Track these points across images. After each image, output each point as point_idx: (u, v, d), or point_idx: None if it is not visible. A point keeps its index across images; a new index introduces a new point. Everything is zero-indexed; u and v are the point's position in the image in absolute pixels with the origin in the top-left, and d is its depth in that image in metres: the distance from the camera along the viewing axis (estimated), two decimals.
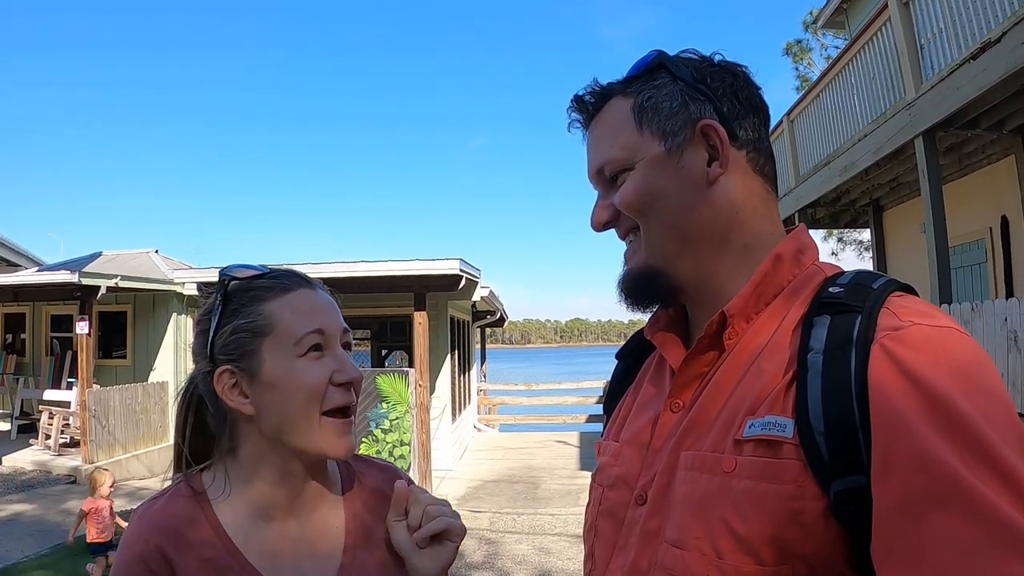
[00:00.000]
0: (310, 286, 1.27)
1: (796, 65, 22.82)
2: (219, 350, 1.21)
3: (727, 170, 1.03)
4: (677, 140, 1.02)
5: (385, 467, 1.44)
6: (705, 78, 1.05)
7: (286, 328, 1.19)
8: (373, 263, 11.63)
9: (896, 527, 0.75)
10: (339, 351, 1.23)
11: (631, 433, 1.12)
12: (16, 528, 8.50)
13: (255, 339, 1.19)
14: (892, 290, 0.91)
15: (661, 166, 1.02)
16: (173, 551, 1.15)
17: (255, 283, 1.24)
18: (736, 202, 1.04)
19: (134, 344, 14.85)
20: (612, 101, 1.08)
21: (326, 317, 1.23)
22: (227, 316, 1.22)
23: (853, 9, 13.21)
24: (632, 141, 1.04)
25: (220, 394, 1.21)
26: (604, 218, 1.09)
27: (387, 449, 10.89)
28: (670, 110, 1.03)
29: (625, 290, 1.09)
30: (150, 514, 1.20)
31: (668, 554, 0.93)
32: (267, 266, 1.30)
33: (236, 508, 1.22)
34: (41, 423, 13.06)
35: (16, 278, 12.61)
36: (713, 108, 1.04)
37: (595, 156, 1.09)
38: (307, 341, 1.19)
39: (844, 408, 0.82)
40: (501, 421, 19.51)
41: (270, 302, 1.21)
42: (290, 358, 1.18)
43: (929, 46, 7.22)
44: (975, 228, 9.05)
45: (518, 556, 7.71)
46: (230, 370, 1.20)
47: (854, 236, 20.37)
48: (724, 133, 1.03)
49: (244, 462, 1.24)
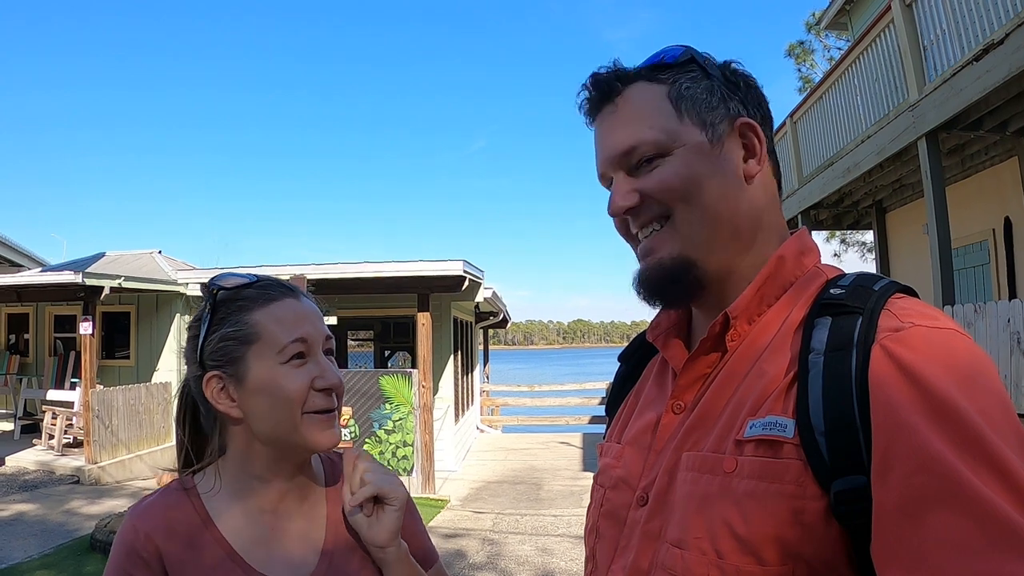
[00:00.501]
0: (294, 295, 1.32)
1: (799, 66, 22.81)
2: (208, 356, 1.28)
3: (762, 168, 1.05)
4: (717, 133, 1.02)
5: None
6: (736, 81, 1.07)
7: (270, 337, 1.25)
8: (377, 264, 11.64)
9: (896, 527, 0.75)
10: (321, 358, 1.28)
11: (633, 434, 1.12)
12: (19, 528, 8.50)
13: (241, 347, 1.25)
14: (893, 292, 0.92)
15: (704, 155, 1.01)
16: (164, 542, 1.21)
17: (242, 293, 1.30)
18: (763, 202, 1.05)
19: (137, 344, 14.86)
20: (636, 85, 1.06)
21: (308, 326, 1.28)
22: (215, 324, 1.29)
23: (856, 11, 13.20)
24: (672, 126, 1.02)
25: (209, 398, 1.27)
26: (629, 202, 1.04)
27: (390, 450, 10.90)
28: (709, 103, 1.03)
29: (651, 282, 1.05)
30: (141, 508, 1.26)
31: (669, 554, 0.93)
32: (255, 275, 1.35)
33: (226, 504, 1.28)
34: (44, 423, 13.06)
35: (20, 278, 12.62)
36: (746, 110, 1.05)
37: (623, 136, 1.04)
38: (290, 349, 1.24)
39: (845, 408, 0.82)
40: (504, 422, 19.52)
41: (255, 312, 1.27)
42: (274, 365, 1.24)
43: (932, 47, 7.22)
44: (978, 230, 9.04)
45: (520, 557, 7.71)
46: (218, 375, 1.27)
47: (857, 238, 20.36)
48: (762, 132, 1.05)
49: (233, 461, 1.30)
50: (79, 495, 10.39)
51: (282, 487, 1.30)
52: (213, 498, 1.27)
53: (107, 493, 10.70)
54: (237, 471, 1.29)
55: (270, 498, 1.29)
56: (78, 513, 9.31)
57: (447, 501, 10.47)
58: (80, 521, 8.85)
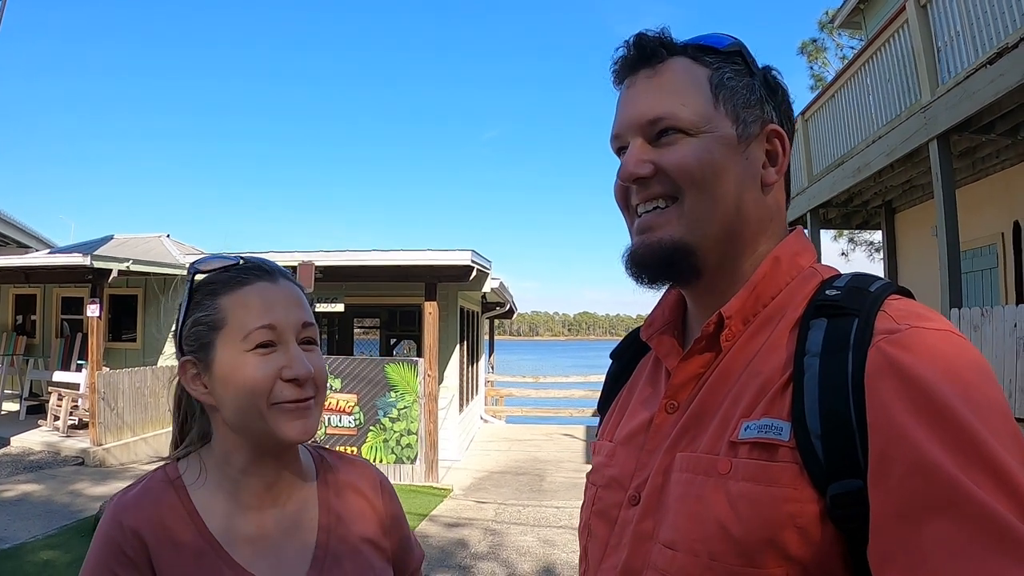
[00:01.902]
0: (270, 279, 1.26)
1: (811, 64, 22.69)
2: (183, 341, 1.25)
3: (780, 179, 1.05)
4: (747, 131, 1.02)
5: (361, 463, 1.46)
6: (775, 88, 1.07)
7: (236, 322, 1.20)
8: (385, 252, 11.61)
9: (893, 531, 0.75)
10: (292, 347, 1.22)
11: (625, 433, 1.12)
12: (24, 508, 8.54)
13: (210, 332, 1.22)
14: (889, 293, 0.91)
15: (729, 147, 1.01)
16: (149, 535, 1.16)
17: (217, 276, 1.27)
18: (772, 212, 1.06)
19: (144, 328, 14.92)
20: (680, 59, 1.04)
21: (280, 311, 1.22)
22: (191, 308, 1.25)
23: (870, 10, 13.12)
24: (705, 110, 1.01)
25: (184, 384, 1.25)
26: (643, 171, 1.01)
27: (394, 438, 10.92)
28: (747, 100, 1.03)
29: (644, 261, 1.03)
30: (125, 500, 1.22)
31: (661, 555, 0.93)
32: (241, 256, 1.31)
33: (211, 495, 1.23)
34: (50, 404, 13.10)
35: (28, 260, 12.65)
36: (778, 118, 1.05)
37: (654, 104, 1.02)
38: (255, 336, 1.19)
39: (841, 411, 0.82)
40: (508, 413, 19.49)
41: (224, 296, 1.23)
42: (239, 352, 1.19)
43: (946, 49, 7.18)
44: (987, 233, 9.00)
45: (522, 548, 7.72)
46: (192, 361, 1.24)
47: (865, 237, 20.25)
48: (788, 143, 1.04)
49: (216, 450, 1.26)
50: (84, 477, 10.43)
51: (266, 481, 1.25)
52: (198, 490, 1.23)
53: (112, 475, 10.74)
54: (220, 463, 1.25)
55: (255, 493, 1.24)
56: (83, 495, 9.35)
57: (450, 490, 10.48)
58: (85, 503, 8.89)
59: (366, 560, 1.31)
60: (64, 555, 6.85)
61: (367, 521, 1.36)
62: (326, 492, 1.34)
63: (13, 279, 13.67)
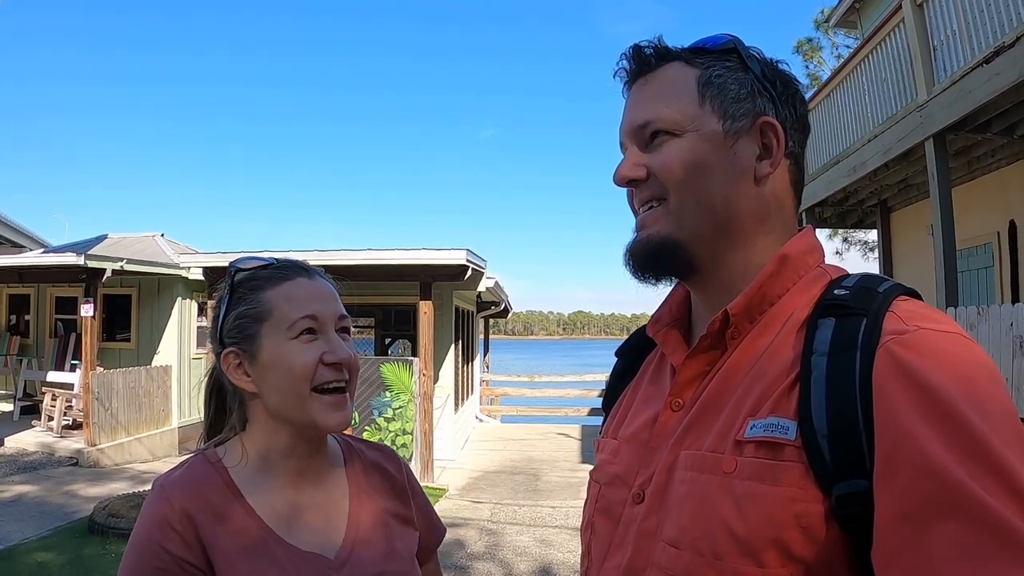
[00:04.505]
0: (308, 275, 1.40)
1: (806, 63, 22.72)
2: (226, 334, 1.36)
3: (774, 171, 1.04)
4: (736, 126, 1.02)
5: (385, 449, 1.58)
6: (774, 79, 1.06)
7: (281, 314, 1.32)
8: (380, 251, 11.62)
9: (898, 533, 0.75)
10: (332, 335, 1.34)
11: (630, 431, 1.12)
12: (18, 509, 8.53)
13: (255, 324, 1.33)
14: (897, 294, 0.91)
15: (714, 144, 1.01)
16: (198, 513, 1.24)
17: (258, 273, 1.38)
18: (771, 205, 1.04)
19: (138, 327, 14.85)
20: (673, 64, 1.06)
21: (320, 304, 1.35)
22: (233, 303, 1.37)
23: (866, 9, 13.14)
24: (690, 110, 1.02)
25: (226, 373, 1.35)
26: (634, 175, 1.04)
27: (389, 438, 10.91)
28: (737, 95, 1.03)
29: (636, 256, 1.06)
30: (171, 480, 1.30)
31: (665, 554, 0.93)
32: (274, 258, 1.43)
33: (251, 477, 1.33)
34: (44, 405, 13.10)
35: (21, 259, 12.64)
36: (775, 110, 1.04)
37: (643, 110, 1.05)
38: (299, 325, 1.31)
39: (848, 411, 0.82)
40: (503, 412, 19.52)
41: (269, 290, 1.34)
42: (284, 341, 1.30)
43: (942, 48, 7.20)
44: (983, 232, 9.01)
45: (519, 547, 7.73)
46: (235, 352, 1.34)
47: (860, 236, 20.30)
48: (782, 134, 1.03)
49: (255, 435, 1.36)
50: (78, 477, 10.43)
51: (301, 464, 1.36)
52: (240, 471, 1.32)
53: (106, 476, 10.74)
54: (259, 446, 1.34)
55: (292, 474, 1.35)
56: (77, 495, 9.34)
57: (445, 490, 10.49)
58: (79, 503, 8.88)
59: (394, 530, 1.42)
60: (58, 556, 6.83)
61: (393, 495, 1.48)
62: (354, 471, 1.45)
63: (7, 279, 13.66)
